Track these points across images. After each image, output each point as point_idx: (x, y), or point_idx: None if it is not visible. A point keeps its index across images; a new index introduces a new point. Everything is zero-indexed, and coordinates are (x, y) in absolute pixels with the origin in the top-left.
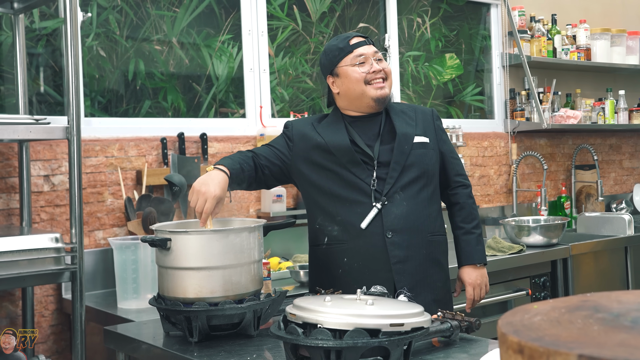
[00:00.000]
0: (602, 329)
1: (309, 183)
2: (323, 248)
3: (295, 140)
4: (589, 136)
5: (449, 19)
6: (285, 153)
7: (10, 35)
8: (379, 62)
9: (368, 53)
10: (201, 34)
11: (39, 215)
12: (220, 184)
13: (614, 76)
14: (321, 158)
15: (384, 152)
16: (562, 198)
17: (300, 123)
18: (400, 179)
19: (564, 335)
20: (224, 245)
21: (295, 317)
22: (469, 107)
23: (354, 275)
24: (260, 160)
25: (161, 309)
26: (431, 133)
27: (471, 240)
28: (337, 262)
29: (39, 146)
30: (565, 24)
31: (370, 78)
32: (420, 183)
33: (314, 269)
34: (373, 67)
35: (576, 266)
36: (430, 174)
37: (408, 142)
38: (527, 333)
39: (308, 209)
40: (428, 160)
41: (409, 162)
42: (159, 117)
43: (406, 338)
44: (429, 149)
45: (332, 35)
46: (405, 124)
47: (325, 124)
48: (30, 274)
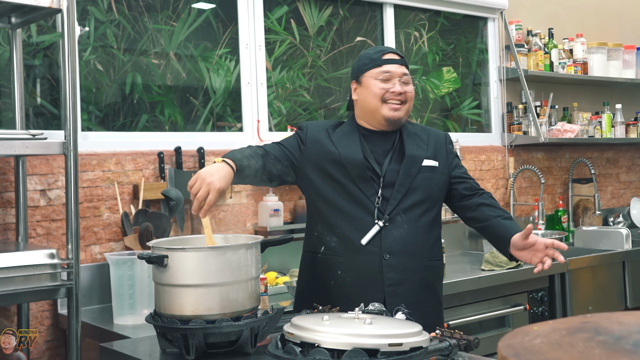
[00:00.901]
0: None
1: (314, 190)
2: (318, 256)
3: (308, 144)
4: (586, 150)
5: (446, 32)
6: (296, 155)
7: (7, 49)
8: (404, 84)
9: (395, 72)
10: (198, 48)
11: (35, 229)
12: (225, 178)
13: (610, 90)
14: (331, 168)
15: (392, 172)
16: (560, 212)
17: (316, 127)
18: (404, 201)
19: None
20: (222, 262)
21: (293, 337)
22: (466, 121)
23: (345, 289)
24: (269, 159)
25: (158, 326)
26: (442, 157)
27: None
28: (330, 273)
29: (36, 160)
30: (562, 37)
31: (388, 97)
32: (423, 207)
33: (305, 275)
34: (395, 87)
35: (574, 281)
36: (434, 199)
37: (416, 165)
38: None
39: (309, 213)
40: (434, 185)
41: (414, 184)
42: (156, 131)
43: (404, 358)
44: (436, 173)
45: (329, 49)
46: (416, 147)
47: (340, 133)
48: (25, 290)
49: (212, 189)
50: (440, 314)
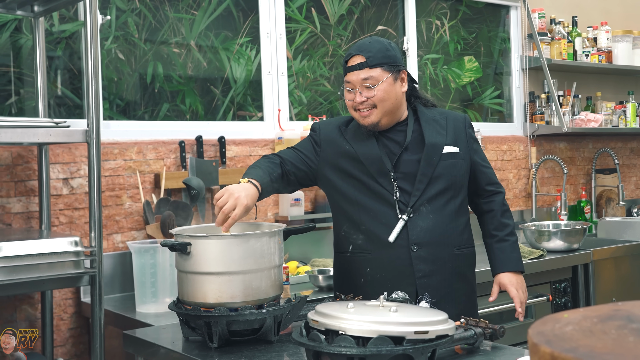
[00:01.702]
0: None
1: (335, 189)
2: (347, 256)
3: (322, 145)
4: (609, 140)
5: (468, 21)
6: (312, 158)
7: (30, 38)
8: (367, 89)
9: (355, 80)
10: (219, 37)
11: (58, 218)
12: (252, 196)
13: (635, 79)
14: (349, 165)
15: (409, 162)
16: (582, 202)
17: (329, 127)
18: (427, 191)
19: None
20: (245, 250)
21: (318, 324)
22: (488, 111)
23: (375, 286)
24: (287, 166)
25: (181, 313)
26: (462, 142)
27: (506, 247)
28: (360, 271)
29: (58, 149)
30: (586, 26)
31: (356, 107)
32: (448, 195)
33: (338, 276)
34: (356, 97)
35: (597, 272)
36: (458, 185)
37: (437, 153)
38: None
39: (334, 215)
40: (457, 172)
41: (436, 173)
42: (177, 120)
43: (430, 346)
44: (458, 159)
45: (350, 38)
46: (436, 133)
47: (352, 129)
48: (49, 277)
49: (239, 204)
50: (474, 302)
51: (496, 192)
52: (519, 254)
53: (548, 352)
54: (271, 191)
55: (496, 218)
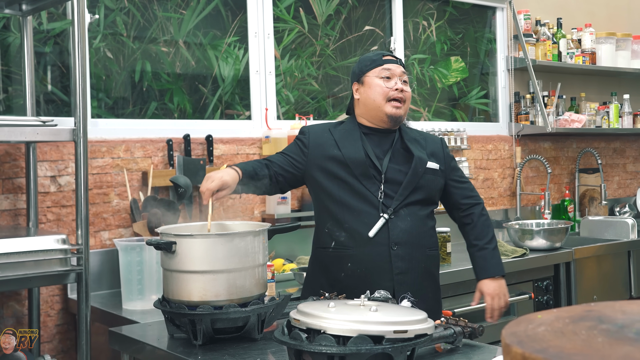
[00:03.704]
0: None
1: (321, 189)
2: (329, 251)
3: (311, 147)
4: (593, 140)
5: (455, 22)
6: (300, 160)
7: (18, 36)
8: (403, 83)
9: (396, 71)
10: (207, 36)
11: (46, 215)
12: (230, 173)
13: (618, 80)
14: (336, 168)
15: (393, 170)
16: (566, 201)
17: (317, 131)
18: (409, 197)
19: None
20: (229, 249)
21: (299, 323)
22: (474, 110)
23: (355, 280)
24: (274, 168)
25: (166, 311)
26: (441, 160)
27: (486, 255)
28: (340, 266)
29: (46, 147)
30: (570, 27)
31: (392, 95)
32: (424, 203)
33: (316, 271)
34: (397, 84)
35: (579, 270)
36: (433, 198)
37: (422, 166)
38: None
39: (317, 213)
40: (434, 186)
41: (419, 185)
42: (165, 118)
43: (409, 345)
44: (437, 176)
45: (337, 38)
46: (418, 151)
47: (342, 132)
48: (36, 275)
49: (214, 179)
50: (439, 300)
51: (474, 204)
52: (499, 260)
53: (519, 352)
54: (256, 182)
55: (476, 228)
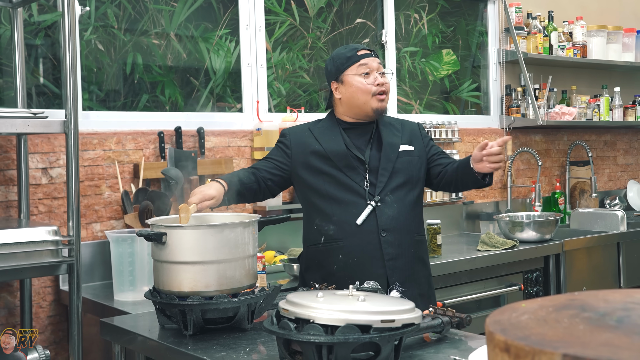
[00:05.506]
0: (588, 328)
1: (307, 186)
2: (320, 247)
3: (293, 147)
4: (583, 133)
5: (446, 15)
6: (284, 161)
7: (8, 28)
8: (382, 75)
9: (373, 65)
10: (199, 28)
11: (37, 207)
12: (214, 187)
13: (609, 73)
14: (319, 162)
15: (374, 158)
16: (557, 194)
17: (297, 131)
18: (389, 183)
19: (549, 334)
20: (219, 240)
21: (288, 313)
22: (465, 103)
23: (348, 271)
24: (262, 174)
25: (156, 302)
26: (418, 142)
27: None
28: (332, 259)
29: (37, 139)
30: (561, 20)
31: (376, 91)
32: (407, 187)
33: (308, 268)
34: (378, 79)
35: (569, 262)
36: (415, 180)
37: (394, 151)
38: (513, 332)
39: (306, 212)
40: (413, 167)
41: (395, 168)
42: (157, 111)
43: (397, 334)
44: (413, 157)
45: (329, 30)
46: (392, 135)
47: (321, 129)
48: (28, 266)
49: (196, 192)
50: (431, 283)
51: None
52: None
53: (502, 340)
54: (244, 190)
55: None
